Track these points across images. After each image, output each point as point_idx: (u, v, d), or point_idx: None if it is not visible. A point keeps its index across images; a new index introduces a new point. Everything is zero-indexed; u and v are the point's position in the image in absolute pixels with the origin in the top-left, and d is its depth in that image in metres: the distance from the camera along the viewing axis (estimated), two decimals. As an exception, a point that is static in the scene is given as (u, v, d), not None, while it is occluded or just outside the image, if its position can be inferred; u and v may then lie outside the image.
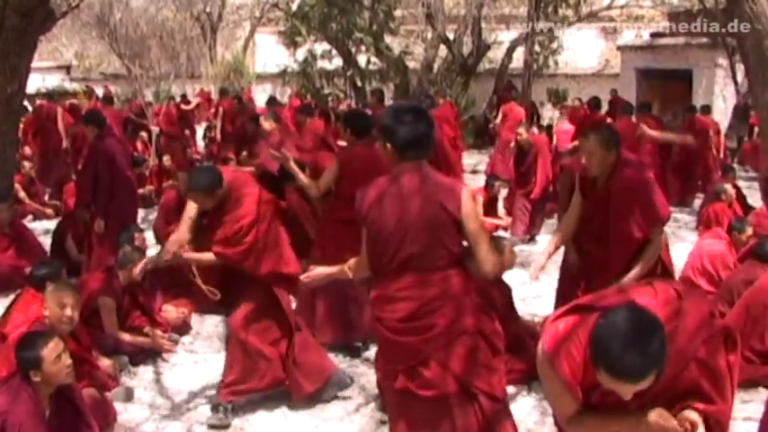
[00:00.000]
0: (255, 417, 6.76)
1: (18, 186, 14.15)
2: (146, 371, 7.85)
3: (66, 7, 16.15)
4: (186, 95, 25.73)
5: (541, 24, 26.26)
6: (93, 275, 8.33)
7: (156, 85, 23.48)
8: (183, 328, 8.77)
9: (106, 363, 7.24)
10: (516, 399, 7.03)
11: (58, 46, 35.93)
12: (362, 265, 5.02)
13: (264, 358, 6.66)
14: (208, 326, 8.93)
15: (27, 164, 15.49)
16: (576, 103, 20.93)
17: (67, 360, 5.13)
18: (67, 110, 19.22)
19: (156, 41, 24.62)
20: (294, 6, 30.30)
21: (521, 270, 9.37)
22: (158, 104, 22.28)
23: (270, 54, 34.43)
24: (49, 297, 5.97)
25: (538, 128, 19.62)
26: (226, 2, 34.78)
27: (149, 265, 7.15)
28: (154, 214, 13.43)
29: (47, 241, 11.26)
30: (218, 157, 18.56)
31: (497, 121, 19.49)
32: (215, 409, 6.63)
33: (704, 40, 24.36)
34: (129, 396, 7.14)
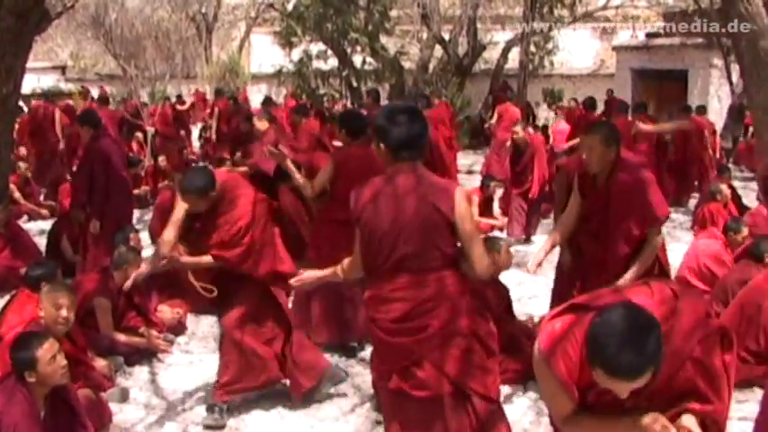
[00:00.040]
0: (251, 417, 6.76)
1: (13, 187, 14.14)
2: (141, 371, 7.85)
3: (62, 8, 16.14)
4: (182, 96, 25.72)
5: (537, 25, 26.27)
6: (88, 276, 8.33)
7: (152, 86, 23.46)
8: (178, 328, 8.77)
9: (101, 363, 7.24)
10: (512, 399, 7.05)
11: (53, 46, 35.91)
12: (355, 266, 5.01)
13: (259, 358, 6.66)
14: (203, 326, 8.93)
15: (22, 164, 15.48)
16: (572, 103, 20.94)
17: (62, 361, 5.12)
18: (62, 110, 19.20)
19: (152, 42, 24.61)
20: (289, 7, 30.31)
21: (517, 270, 9.39)
22: (154, 105, 22.25)
23: (265, 54, 34.45)
24: (45, 298, 5.97)
25: (533, 128, 19.62)
26: (221, 2, 34.74)
27: (146, 270, 7.06)
28: (149, 215, 13.45)
29: (42, 242, 11.26)
30: (214, 157, 18.56)
31: (493, 122, 19.48)
32: (210, 410, 6.63)
33: (699, 40, 24.38)
34: (124, 396, 7.14)
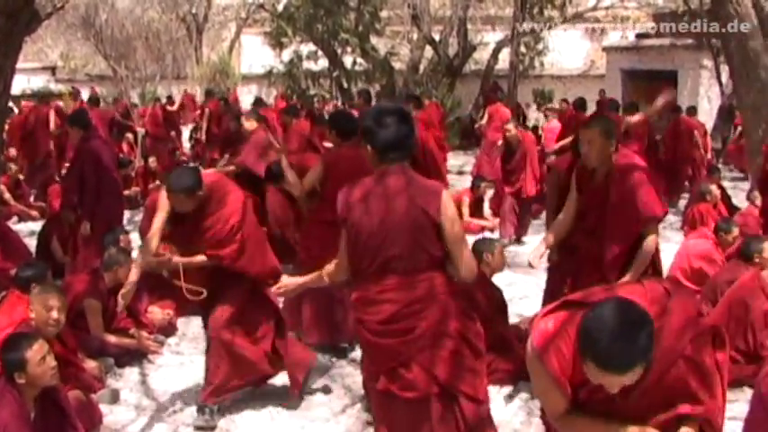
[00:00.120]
0: (242, 418, 6.75)
1: (3, 188, 14.15)
2: (131, 372, 7.84)
3: (52, 8, 16.11)
4: (172, 96, 25.70)
5: (527, 25, 26.30)
6: (78, 277, 8.31)
7: (142, 87, 23.48)
8: (168, 329, 8.77)
9: (92, 365, 7.23)
10: (502, 399, 7.05)
11: (43, 47, 35.83)
12: (341, 269, 4.98)
13: (248, 358, 6.68)
14: (194, 327, 8.90)
15: (13, 166, 15.45)
16: (563, 105, 20.92)
17: (52, 362, 5.12)
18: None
19: (142, 42, 24.64)
20: (280, 7, 30.28)
21: (508, 271, 9.41)
22: (144, 106, 22.23)
23: (255, 55, 34.42)
24: (35, 299, 5.97)
25: (524, 128, 19.63)
26: (211, 3, 34.70)
27: (135, 278, 6.93)
28: (140, 216, 13.41)
29: (32, 243, 11.23)
30: (205, 158, 18.56)
31: (483, 122, 19.49)
32: (201, 411, 6.62)
33: (689, 41, 24.43)
34: (114, 398, 7.13)
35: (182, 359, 8.16)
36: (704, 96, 24.73)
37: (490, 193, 14.67)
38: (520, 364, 7.23)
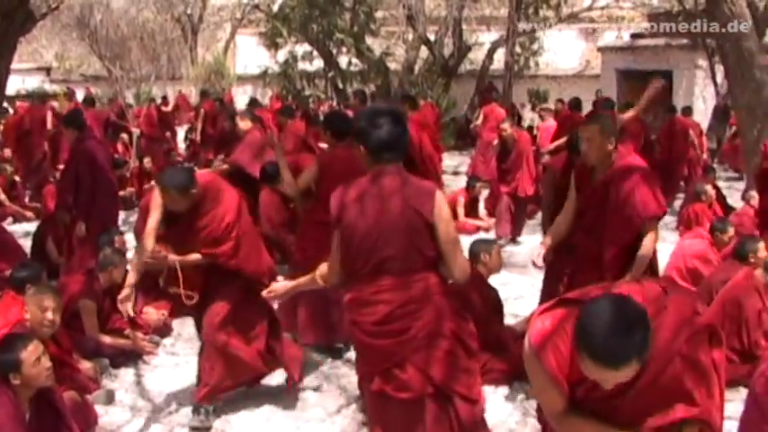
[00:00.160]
0: (237, 418, 6.75)
1: (-2, 189, 14.11)
2: (127, 373, 7.83)
3: (46, 9, 16.11)
4: (167, 97, 25.68)
5: (522, 25, 26.32)
6: (73, 278, 8.30)
7: (137, 87, 23.44)
8: (163, 330, 8.76)
9: (87, 365, 7.22)
10: (498, 399, 7.05)
11: (38, 47, 35.80)
12: (334, 270, 4.96)
13: (243, 358, 6.68)
14: (189, 328, 8.86)
15: (8, 167, 15.43)
16: (559, 105, 20.91)
17: (47, 362, 5.11)
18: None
19: (137, 43, 24.60)
20: (275, 8, 30.26)
21: (503, 271, 9.37)
22: (139, 106, 22.21)
23: (251, 55, 34.41)
24: (30, 300, 5.96)
25: (519, 128, 19.63)
26: (206, 3, 34.73)
27: (133, 280, 6.90)
28: (134, 216, 13.38)
29: (27, 244, 11.20)
30: (200, 159, 18.56)
31: (478, 122, 19.48)
32: (196, 411, 6.61)
33: (684, 41, 24.45)
34: (110, 399, 7.13)
35: (177, 360, 8.16)
36: (699, 96, 24.73)
37: (485, 194, 14.68)
38: (515, 364, 7.26)
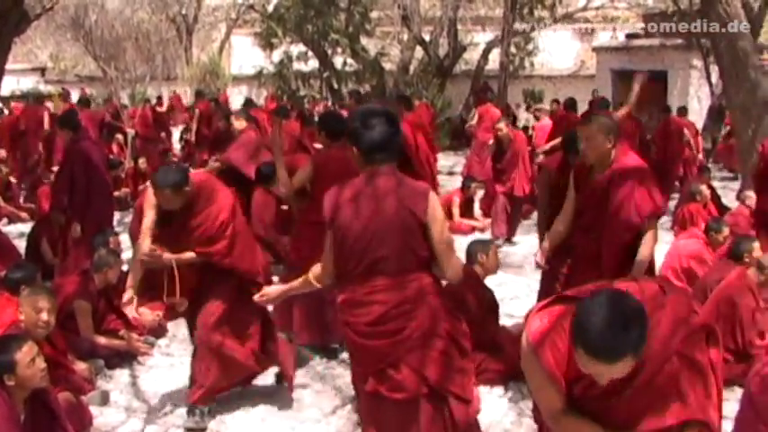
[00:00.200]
0: (232, 419, 6.74)
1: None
2: (122, 374, 7.82)
3: (41, 9, 16.11)
4: (162, 97, 25.66)
5: (517, 26, 26.35)
6: (68, 279, 8.28)
7: (132, 88, 23.43)
8: (158, 330, 8.74)
9: (82, 366, 7.21)
10: (493, 399, 7.05)
11: (32, 48, 35.77)
12: (327, 271, 4.96)
13: (237, 359, 6.68)
14: (184, 328, 8.81)
15: (3, 167, 15.40)
16: (554, 105, 20.91)
17: (42, 363, 5.10)
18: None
19: (132, 43, 24.62)
20: (270, 8, 30.26)
21: (498, 271, 9.38)
22: (134, 107, 22.19)
23: (246, 56, 34.41)
24: (24, 301, 5.96)
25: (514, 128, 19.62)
26: (201, 4, 34.67)
27: (133, 283, 6.93)
28: (129, 217, 13.37)
29: (22, 244, 11.20)
30: (194, 159, 18.54)
31: (473, 123, 19.48)
32: (191, 412, 6.60)
33: (679, 41, 24.46)
34: (104, 399, 7.11)
35: (172, 360, 8.15)
36: (694, 96, 24.75)
37: (480, 194, 14.68)
38: (510, 364, 7.27)
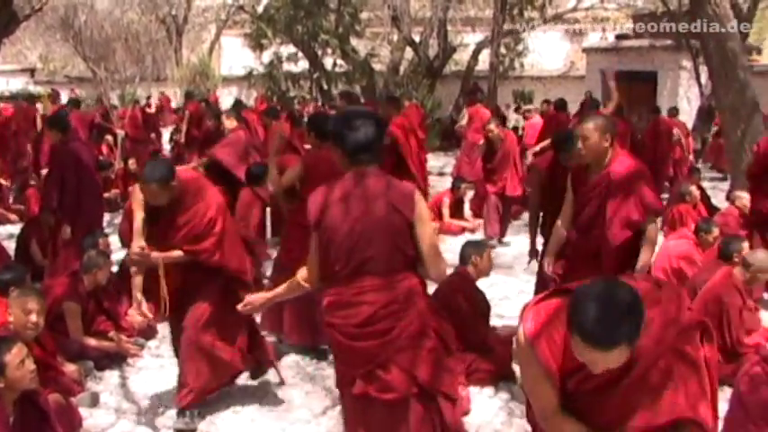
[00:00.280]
0: (221, 420, 6.73)
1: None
2: (111, 375, 7.80)
3: (30, 10, 16.07)
4: (151, 97, 25.62)
5: (507, 26, 26.37)
6: (57, 280, 8.27)
7: (122, 88, 23.38)
8: (148, 332, 8.71)
9: (71, 368, 7.19)
10: (483, 400, 7.04)
11: (21, 49, 35.73)
12: (313, 275, 4.93)
13: (225, 359, 6.69)
14: (174, 330, 8.89)
15: (-5, 169, 15.39)
16: (544, 106, 20.93)
17: (31, 365, 5.08)
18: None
19: (121, 44, 24.58)
20: (260, 9, 30.25)
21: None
22: (123, 108, 22.15)
23: (236, 57, 34.40)
24: (14, 303, 5.94)
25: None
26: (191, 4, 34.65)
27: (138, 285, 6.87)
28: (119, 218, 13.37)
29: (11, 246, 11.17)
30: (184, 160, 18.50)
31: (463, 123, 19.47)
32: (181, 413, 6.59)
33: (668, 42, 24.55)
34: (94, 401, 7.10)
35: (162, 362, 8.12)
36: (683, 97, 24.84)
37: (470, 194, 14.68)
38: (501, 364, 7.29)
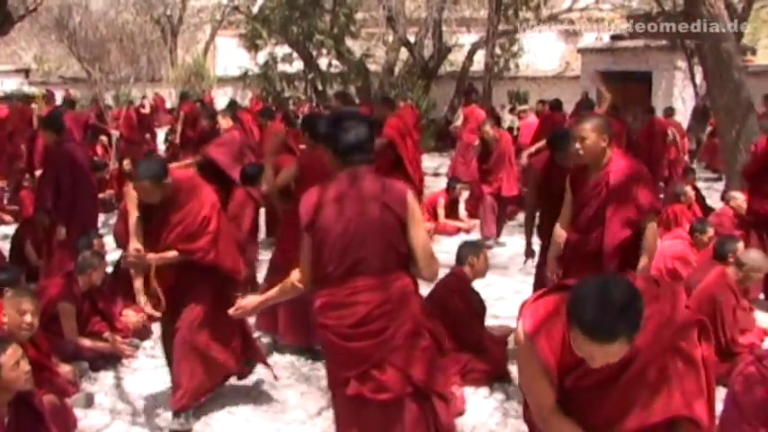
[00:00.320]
0: (217, 421, 6.74)
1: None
2: (106, 376, 7.80)
3: (24, 10, 16.05)
4: (146, 99, 25.58)
5: (502, 27, 26.35)
6: (52, 281, 8.26)
7: (116, 89, 23.34)
8: (143, 332, 8.72)
9: (66, 369, 7.19)
10: (478, 400, 7.04)
11: (16, 49, 35.69)
12: (306, 276, 4.91)
13: (219, 360, 6.71)
14: (169, 330, 8.88)
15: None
16: (540, 106, 20.93)
17: (26, 366, 5.08)
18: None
19: (116, 45, 24.51)
20: (255, 9, 30.20)
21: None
22: (118, 108, 22.13)
23: (231, 57, 34.33)
24: (8, 303, 5.93)
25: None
26: (186, 5, 34.63)
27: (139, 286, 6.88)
28: (114, 219, 13.35)
29: (5, 247, 11.16)
30: (179, 160, 18.47)
31: (458, 124, 19.48)
32: (176, 414, 6.59)
33: (663, 42, 24.55)
34: (89, 402, 7.09)
35: (156, 363, 8.11)
36: (678, 97, 24.84)
37: (465, 195, 14.69)
38: (496, 364, 7.29)
